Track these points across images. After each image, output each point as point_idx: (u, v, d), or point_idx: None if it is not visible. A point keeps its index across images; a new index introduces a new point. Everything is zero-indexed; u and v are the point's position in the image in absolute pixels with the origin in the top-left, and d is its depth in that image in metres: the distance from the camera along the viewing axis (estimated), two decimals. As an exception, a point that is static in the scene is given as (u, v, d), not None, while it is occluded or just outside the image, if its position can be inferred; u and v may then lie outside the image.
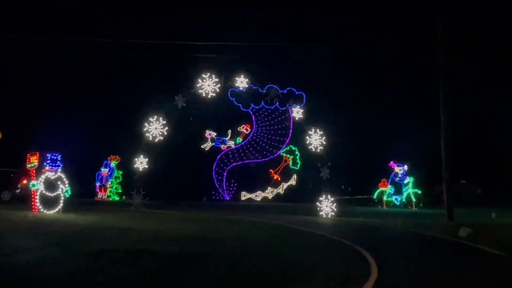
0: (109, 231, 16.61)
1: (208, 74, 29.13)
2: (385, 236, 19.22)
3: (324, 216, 27.47)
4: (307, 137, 29.01)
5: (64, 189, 23.93)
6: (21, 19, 49.23)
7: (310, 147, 28.85)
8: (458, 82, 37.54)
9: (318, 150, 28.75)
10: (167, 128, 29.10)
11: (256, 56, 40.33)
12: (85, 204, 30.96)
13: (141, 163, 28.58)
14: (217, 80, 29.03)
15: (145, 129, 28.94)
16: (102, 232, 16.35)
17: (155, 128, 28.85)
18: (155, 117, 28.99)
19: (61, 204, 23.49)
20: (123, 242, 13.87)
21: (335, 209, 27.59)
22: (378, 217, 28.72)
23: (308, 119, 30.56)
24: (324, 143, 28.71)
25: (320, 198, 27.92)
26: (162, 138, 28.87)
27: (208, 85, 28.94)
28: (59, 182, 23.53)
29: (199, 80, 28.96)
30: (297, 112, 30.62)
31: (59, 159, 23.81)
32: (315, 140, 28.73)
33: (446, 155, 26.77)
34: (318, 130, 28.94)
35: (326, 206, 27.62)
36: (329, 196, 27.67)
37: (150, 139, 28.85)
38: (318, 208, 27.86)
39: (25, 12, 49.97)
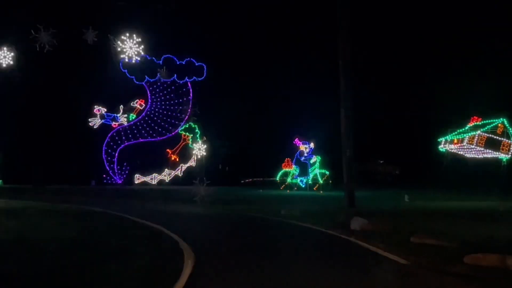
0: None
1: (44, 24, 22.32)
2: (246, 233, 14.06)
3: (199, 202, 22.45)
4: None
5: None
6: None
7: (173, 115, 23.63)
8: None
9: (184, 119, 23.58)
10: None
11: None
12: None
13: None
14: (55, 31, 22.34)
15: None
16: None
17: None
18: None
19: None
20: None
21: (212, 194, 22.65)
22: (269, 203, 24.22)
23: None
24: (197, 111, 23.53)
25: (194, 181, 22.89)
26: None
27: (43, 37, 22.23)
28: None
29: (32, 31, 22.19)
30: (168, 75, 25.38)
31: None
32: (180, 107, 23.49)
33: (346, 128, 22.31)
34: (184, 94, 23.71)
35: (201, 190, 22.57)
36: (204, 179, 22.60)
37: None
38: (191, 193, 22.81)
39: None
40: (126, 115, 44.85)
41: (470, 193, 28.57)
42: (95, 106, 43.88)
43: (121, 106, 44.69)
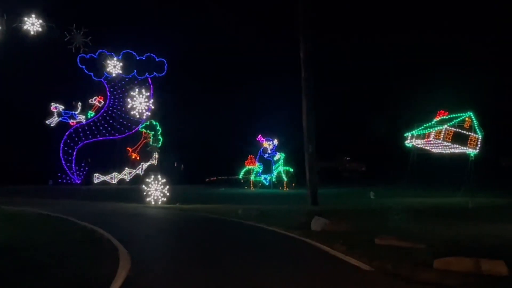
0: None
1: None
2: (195, 237, 12.58)
3: (153, 202, 21.08)
4: (129, 100, 22.41)
5: None
6: None
7: (133, 112, 22.29)
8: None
9: (144, 116, 22.27)
10: None
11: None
12: None
13: None
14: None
15: None
16: None
17: None
18: None
19: None
20: None
21: (168, 194, 21.32)
22: (229, 202, 23.04)
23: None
24: (152, 107, 22.17)
25: (148, 180, 21.54)
26: None
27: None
28: None
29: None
30: (114, 67, 23.94)
31: None
32: (140, 103, 22.12)
33: (308, 124, 21.28)
34: (143, 90, 22.36)
35: (156, 190, 21.23)
36: (159, 177, 21.26)
37: None
38: (145, 193, 21.43)
39: None
40: (84, 113, 43.11)
41: (438, 190, 27.91)
42: (52, 104, 42.09)
43: (79, 103, 42.91)
